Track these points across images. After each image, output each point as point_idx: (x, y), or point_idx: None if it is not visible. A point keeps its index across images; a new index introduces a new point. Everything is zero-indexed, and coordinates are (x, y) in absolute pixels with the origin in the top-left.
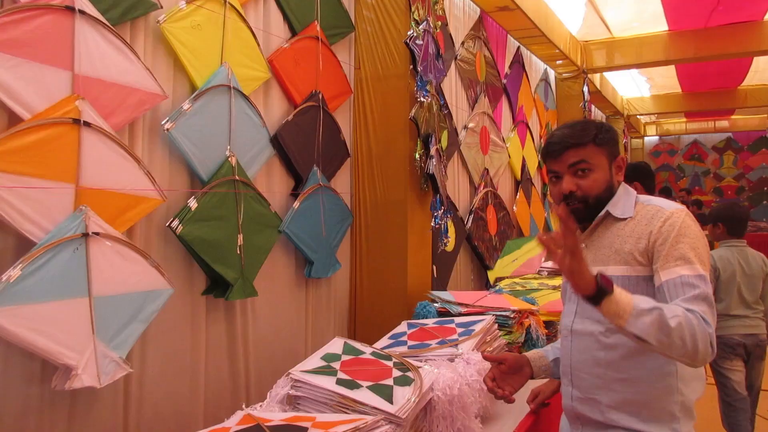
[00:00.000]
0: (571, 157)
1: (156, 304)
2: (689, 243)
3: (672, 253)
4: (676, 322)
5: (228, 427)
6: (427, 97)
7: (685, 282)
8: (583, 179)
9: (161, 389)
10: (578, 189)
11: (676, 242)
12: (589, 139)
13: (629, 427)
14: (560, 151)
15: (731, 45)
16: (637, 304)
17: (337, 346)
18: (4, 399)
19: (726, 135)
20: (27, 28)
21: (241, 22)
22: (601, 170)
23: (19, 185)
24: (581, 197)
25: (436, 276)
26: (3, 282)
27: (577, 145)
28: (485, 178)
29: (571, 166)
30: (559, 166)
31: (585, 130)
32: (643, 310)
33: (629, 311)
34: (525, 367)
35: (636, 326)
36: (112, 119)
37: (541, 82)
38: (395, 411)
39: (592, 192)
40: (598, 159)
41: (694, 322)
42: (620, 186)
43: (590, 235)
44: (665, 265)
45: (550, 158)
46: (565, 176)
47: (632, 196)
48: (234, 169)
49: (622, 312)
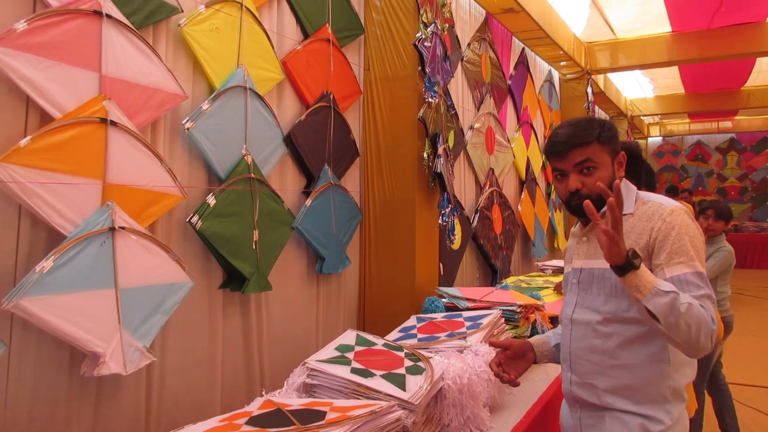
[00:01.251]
0: (577, 156)
1: (177, 296)
2: (689, 241)
3: (675, 251)
4: (686, 307)
5: (250, 411)
6: (434, 98)
7: (690, 281)
8: (589, 177)
9: (181, 379)
10: (584, 187)
11: (678, 240)
12: (593, 138)
13: (624, 409)
14: (566, 151)
15: (734, 46)
16: (658, 284)
17: (350, 337)
18: (37, 384)
19: (729, 136)
20: (58, 32)
21: (256, 25)
22: (605, 168)
23: (50, 181)
24: (586, 194)
25: (443, 274)
26: (37, 273)
27: (582, 145)
28: (490, 178)
29: (577, 164)
30: (565, 165)
31: (589, 128)
32: (662, 291)
33: (649, 288)
34: (529, 352)
35: (651, 303)
36: (136, 118)
37: (545, 83)
38: (408, 398)
39: (596, 189)
40: (602, 157)
41: (703, 314)
42: (621, 182)
43: (592, 229)
44: (669, 262)
45: (555, 157)
46: (571, 174)
47: (633, 192)
48: (250, 167)
49: (643, 288)
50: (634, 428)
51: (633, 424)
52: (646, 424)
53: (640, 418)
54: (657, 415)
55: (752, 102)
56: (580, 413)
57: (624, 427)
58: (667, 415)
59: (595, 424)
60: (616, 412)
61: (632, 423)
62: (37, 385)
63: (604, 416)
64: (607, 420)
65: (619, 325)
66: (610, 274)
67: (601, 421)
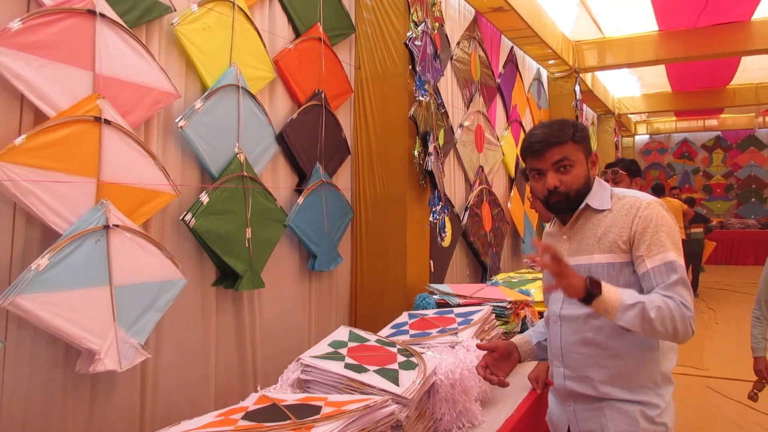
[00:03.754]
0: (555, 155)
1: (171, 293)
2: (666, 232)
3: (653, 242)
4: (656, 312)
5: (245, 407)
6: (425, 96)
7: (668, 268)
8: (566, 175)
9: (175, 375)
10: (561, 184)
11: (656, 231)
12: (568, 137)
13: (621, 398)
14: (543, 150)
15: (720, 45)
16: (622, 300)
17: (343, 334)
18: (32, 381)
19: (715, 133)
20: (52, 31)
21: (248, 24)
22: (580, 166)
23: (45, 179)
24: (564, 192)
25: (434, 270)
26: (32, 270)
27: (559, 143)
28: (480, 176)
29: (555, 163)
30: (542, 164)
31: (563, 128)
32: (628, 305)
33: (616, 307)
34: (513, 352)
35: (623, 320)
36: (130, 117)
37: (534, 82)
38: (402, 392)
39: (573, 186)
40: (577, 155)
41: (673, 308)
42: (595, 180)
43: (572, 226)
44: (649, 253)
45: (532, 156)
46: (548, 173)
47: (607, 189)
48: (242, 166)
49: (611, 309)
50: (634, 415)
51: (633, 412)
52: (644, 410)
53: (637, 405)
54: (652, 400)
55: (737, 100)
56: (574, 406)
57: (624, 416)
58: (661, 398)
59: (593, 416)
60: (613, 402)
61: (632, 411)
62: (33, 383)
63: (602, 408)
64: (606, 412)
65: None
66: (597, 269)
67: (600, 413)
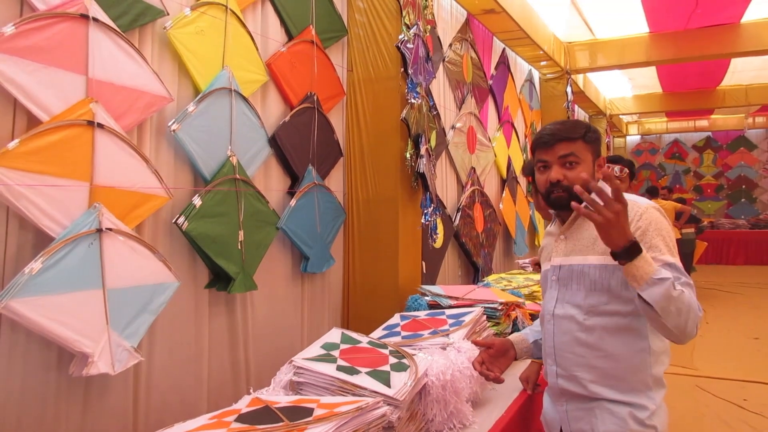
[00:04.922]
0: (562, 149)
1: (164, 296)
2: (662, 238)
3: (653, 246)
4: (679, 293)
5: (238, 409)
6: (417, 99)
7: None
8: (570, 171)
9: (168, 378)
10: (564, 179)
11: (654, 236)
12: (579, 135)
13: (611, 398)
14: (552, 143)
15: (710, 46)
16: (656, 271)
17: (335, 335)
18: (26, 385)
19: (706, 134)
20: (45, 35)
21: (241, 27)
22: (586, 165)
23: (38, 183)
24: (566, 187)
25: (426, 272)
26: (26, 274)
27: (569, 139)
28: (472, 177)
29: (561, 157)
30: (549, 156)
31: (576, 127)
32: (658, 279)
33: (648, 276)
34: (510, 350)
35: (647, 292)
36: (123, 121)
37: (525, 83)
38: (393, 394)
39: (577, 182)
40: (585, 155)
41: (693, 301)
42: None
43: (570, 227)
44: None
45: (540, 148)
46: (553, 166)
47: None
48: (235, 169)
49: (642, 275)
50: (623, 417)
51: (622, 413)
52: (633, 412)
53: (627, 407)
54: (642, 402)
55: (728, 101)
56: (566, 406)
57: (614, 417)
58: (651, 401)
59: (584, 416)
60: (604, 402)
61: (621, 412)
62: (26, 386)
63: (593, 408)
64: (596, 412)
65: (600, 318)
66: (589, 270)
67: (591, 413)
